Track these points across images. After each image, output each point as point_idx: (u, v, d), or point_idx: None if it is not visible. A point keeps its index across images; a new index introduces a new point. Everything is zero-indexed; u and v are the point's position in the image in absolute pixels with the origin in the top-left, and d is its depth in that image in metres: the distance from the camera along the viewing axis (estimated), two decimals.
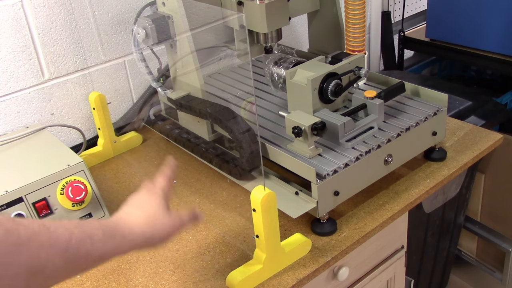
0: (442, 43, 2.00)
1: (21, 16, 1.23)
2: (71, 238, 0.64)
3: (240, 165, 1.12)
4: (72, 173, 1.03)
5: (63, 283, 1.00)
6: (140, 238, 0.74)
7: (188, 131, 1.31)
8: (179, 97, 1.26)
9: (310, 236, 1.04)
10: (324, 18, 1.35)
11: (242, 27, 1.28)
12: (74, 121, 1.40)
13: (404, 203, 1.11)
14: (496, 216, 1.88)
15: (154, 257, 1.04)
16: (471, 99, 1.78)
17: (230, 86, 1.42)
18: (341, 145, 1.08)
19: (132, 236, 0.73)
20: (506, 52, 1.81)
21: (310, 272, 0.97)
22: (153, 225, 0.76)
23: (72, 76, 1.36)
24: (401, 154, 1.15)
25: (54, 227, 0.64)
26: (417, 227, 1.52)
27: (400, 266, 1.30)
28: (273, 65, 1.22)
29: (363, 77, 1.16)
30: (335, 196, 1.03)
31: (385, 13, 2.03)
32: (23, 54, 1.26)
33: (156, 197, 0.81)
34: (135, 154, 1.40)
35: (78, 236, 0.65)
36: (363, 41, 1.33)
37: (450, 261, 1.84)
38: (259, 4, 1.15)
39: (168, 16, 1.20)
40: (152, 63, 1.35)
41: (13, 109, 1.29)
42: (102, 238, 0.68)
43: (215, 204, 1.18)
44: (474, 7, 1.84)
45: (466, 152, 1.25)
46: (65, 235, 0.64)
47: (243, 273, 0.94)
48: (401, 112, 1.19)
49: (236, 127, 1.10)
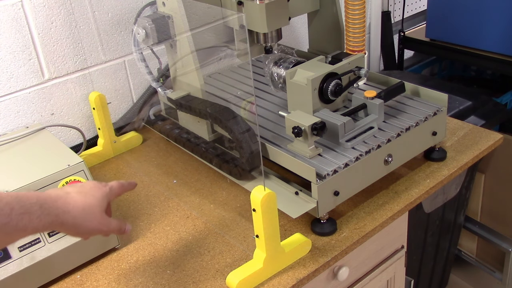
0: (442, 43, 2.00)
1: (21, 16, 1.23)
2: (11, 213, 0.68)
3: (240, 165, 1.12)
4: (72, 173, 1.03)
5: (63, 283, 1.00)
6: (70, 222, 0.76)
7: (188, 131, 1.31)
8: (179, 97, 1.26)
9: (310, 236, 1.04)
10: (324, 18, 1.35)
11: (242, 27, 1.28)
12: (74, 121, 1.40)
13: (404, 203, 1.11)
14: (496, 216, 1.89)
15: (154, 257, 1.04)
16: (471, 99, 1.78)
17: (230, 86, 1.42)
18: (341, 145, 1.08)
19: (65, 217, 0.75)
20: (506, 52, 1.81)
21: (310, 272, 0.97)
22: (86, 216, 0.78)
23: (72, 76, 1.36)
24: (401, 154, 1.15)
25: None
26: (417, 227, 1.52)
27: (400, 266, 1.30)
28: (273, 65, 1.22)
29: (363, 77, 1.16)
30: (335, 196, 1.03)
31: (385, 13, 2.03)
32: (23, 54, 1.26)
33: (101, 193, 0.83)
34: (135, 154, 1.40)
35: (18, 211, 0.69)
36: (363, 41, 1.33)
37: (450, 261, 1.84)
38: (259, 4, 1.15)
39: (168, 16, 1.20)
40: (152, 63, 1.35)
41: (13, 109, 1.29)
42: (39, 214, 0.71)
43: (215, 204, 1.18)
44: (474, 7, 1.84)
45: (466, 152, 1.25)
46: (6, 209, 0.68)
47: (243, 273, 0.94)
48: (401, 112, 1.19)
49: (236, 127, 1.10)
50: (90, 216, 0.79)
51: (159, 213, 1.16)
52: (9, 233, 0.68)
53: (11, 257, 0.95)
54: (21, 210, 0.69)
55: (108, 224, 0.83)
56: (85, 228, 0.79)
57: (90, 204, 0.80)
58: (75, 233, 0.80)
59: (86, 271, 1.03)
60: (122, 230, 0.87)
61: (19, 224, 0.69)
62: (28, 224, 0.70)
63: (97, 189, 0.83)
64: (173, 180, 1.27)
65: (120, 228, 0.86)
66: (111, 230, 0.84)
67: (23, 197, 0.71)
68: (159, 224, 1.13)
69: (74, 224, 0.77)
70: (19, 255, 0.95)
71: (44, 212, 0.72)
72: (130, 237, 1.10)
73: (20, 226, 0.69)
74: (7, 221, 0.67)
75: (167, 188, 1.25)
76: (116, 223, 0.85)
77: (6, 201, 0.68)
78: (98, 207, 0.81)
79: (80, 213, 0.78)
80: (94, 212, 0.80)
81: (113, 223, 0.84)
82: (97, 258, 1.05)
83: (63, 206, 0.76)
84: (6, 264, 0.94)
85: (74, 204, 0.78)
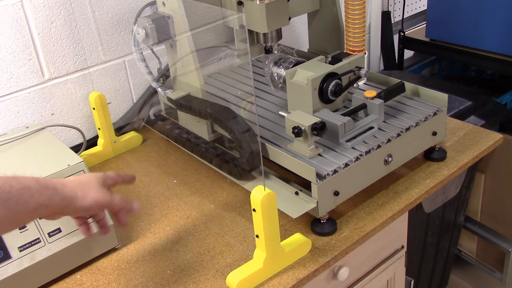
0: (442, 43, 2.00)
1: (21, 16, 1.23)
2: (11, 189, 0.70)
3: (240, 165, 1.12)
4: (72, 173, 1.03)
5: (63, 283, 1.00)
6: (70, 193, 0.78)
7: (188, 131, 1.31)
8: (179, 97, 1.26)
9: (310, 236, 1.04)
10: (324, 18, 1.35)
11: (242, 27, 1.28)
12: (74, 121, 1.40)
13: (404, 203, 1.11)
14: (496, 216, 1.89)
15: (154, 257, 1.04)
16: (471, 99, 1.78)
17: (230, 86, 1.42)
18: (341, 145, 1.08)
19: (64, 190, 0.77)
20: (506, 52, 1.81)
21: (310, 272, 0.97)
22: (85, 186, 0.80)
23: (72, 76, 1.36)
24: (401, 154, 1.15)
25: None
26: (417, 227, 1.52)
27: (400, 266, 1.30)
28: (273, 65, 1.22)
29: (363, 77, 1.16)
30: (335, 196, 1.03)
31: (385, 13, 2.03)
32: (23, 54, 1.26)
33: (96, 174, 0.85)
34: (135, 154, 1.40)
35: (17, 187, 0.71)
36: (363, 41, 1.33)
37: (450, 261, 1.84)
38: (259, 4, 1.15)
39: (168, 16, 1.20)
40: (152, 63, 1.35)
41: (13, 109, 1.29)
42: (38, 189, 0.73)
43: (215, 204, 1.18)
44: (474, 7, 1.84)
45: (466, 152, 1.25)
46: (6, 186, 0.70)
47: (243, 273, 0.94)
48: (401, 112, 1.19)
49: (236, 127, 1.10)
50: (89, 186, 0.81)
51: (159, 213, 1.16)
52: (12, 209, 0.70)
53: (11, 257, 0.95)
54: (19, 186, 0.71)
55: (111, 195, 0.83)
56: (86, 199, 0.79)
57: (86, 179, 0.82)
58: (78, 207, 0.79)
59: (86, 271, 1.03)
60: (129, 206, 0.86)
61: (20, 199, 0.71)
62: (29, 198, 0.72)
63: (90, 174, 0.86)
64: (173, 180, 1.27)
65: (126, 201, 0.85)
66: (115, 203, 0.84)
67: (20, 176, 0.74)
68: (159, 224, 1.13)
69: (76, 195, 0.78)
70: (19, 255, 0.95)
71: (42, 186, 0.74)
72: (130, 237, 1.10)
73: (22, 201, 0.71)
74: (8, 197, 0.69)
75: (167, 188, 1.25)
76: (120, 197, 0.85)
77: (4, 180, 0.70)
78: (95, 181, 0.83)
79: (77, 186, 0.80)
80: (91, 184, 0.82)
81: (116, 196, 0.84)
82: (97, 258, 1.05)
83: (59, 181, 0.78)
84: (6, 264, 0.94)
85: (70, 179, 0.81)
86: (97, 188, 0.82)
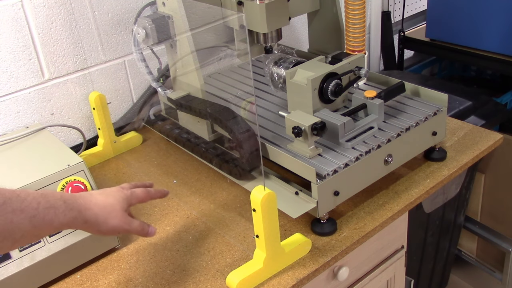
0: (442, 43, 2.00)
1: (21, 16, 1.23)
2: (39, 207, 0.73)
3: (240, 165, 1.12)
4: (72, 173, 1.03)
5: (63, 283, 1.00)
6: (93, 218, 0.81)
7: (188, 131, 1.31)
8: (179, 97, 1.26)
9: (310, 236, 1.04)
10: (324, 18, 1.35)
11: (242, 27, 1.28)
12: (74, 121, 1.40)
13: (404, 203, 1.11)
14: (496, 216, 1.89)
15: (154, 257, 1.04)
16: (471, 99, 1.78)
17: (230, 86, 1.42)
18: (341, 145, 1.08)
19: (87, 214, 0.80)
20: (506, 52, 1.81)
21: (310, 272, 0.97)
22: (107, 213, 0.83)
23: (72, 76, 1.36)
24: (401, 154, 1.15)
25: (23, 195, 0.72)
26: (417, 227, 1.52)
27: (400, 266, 1.30)
28: (273, 65, 1.22)
29: (363, 77, 1.16)
30: (335, 196, 1.03)
31: (385, 13, 2.03)
32: (23, 54, 1.26)
33: (122, 195, 0.87)
34: (135, 154, 1.40)
35: (44, 205, 0.74)
36: (363, 41, 1.33)
37: (450, 261, 1.84)
38: (259, 4, 1.15)
39: (168, 16, 1.20)
40: (152, 63, 1.35)
41: (13, 109, 1.29)
42: (64, 209, 0.76)
43: (215, 204, 1.18)
44: (474, 7, 1.84)
45: (466, 152, 1.25)
46: (34, 203, 0.73)
47: (243, 273, 0.94)
48: (401, 112, 1.19)
49: (236, 127, 1.10)
50: (112, 213, 0.83)
51: (159, 213, 1.16)
52: (37, 226, 0.73)
53: (11, 257, 0.95)
54: (47, 204, 0.74)
55: (130, 223, 0.86)
56: (107, 225, 0.83)
57: (111, 203, 0.84)
58: (97, 231, 0.83)
59: (86, 271, 1.03)
60: (145, 231, 0.89)
61: (45, 218, 0.73)
62: (54, 218, 0.75)
63: (118, 192, 0.87)
64: (173, 180, 1.27)
65: (143, 228, 0.89)
66: (133, 229, 0.87)
67: (49, 194, 0.76)
68: (159, 224, 1.13)
69: (97, 221, 0.81)
70: (19, 255, 0.95)
71: (68, 207, 0.77)
72: (130, 237, 1.10)
73: (47, 220, 0.74)
74: (35, 214, 0.72)
75: (167, 188, 1.25)
76: (139, 223, 0.88)
77: (33, 196, 0.73)
78: (118, 206, 0.85)
79: (101, 211, 0.82)
80: (115, 210, 0.84)
81: (135, 222, 0.87)
82: (97, 258, 1.05)
83: (85, 204, 0.80)
84: (6, 264, 0.94)
85: (96, 202, 0.82)
86: (119, 216, 0.84)
